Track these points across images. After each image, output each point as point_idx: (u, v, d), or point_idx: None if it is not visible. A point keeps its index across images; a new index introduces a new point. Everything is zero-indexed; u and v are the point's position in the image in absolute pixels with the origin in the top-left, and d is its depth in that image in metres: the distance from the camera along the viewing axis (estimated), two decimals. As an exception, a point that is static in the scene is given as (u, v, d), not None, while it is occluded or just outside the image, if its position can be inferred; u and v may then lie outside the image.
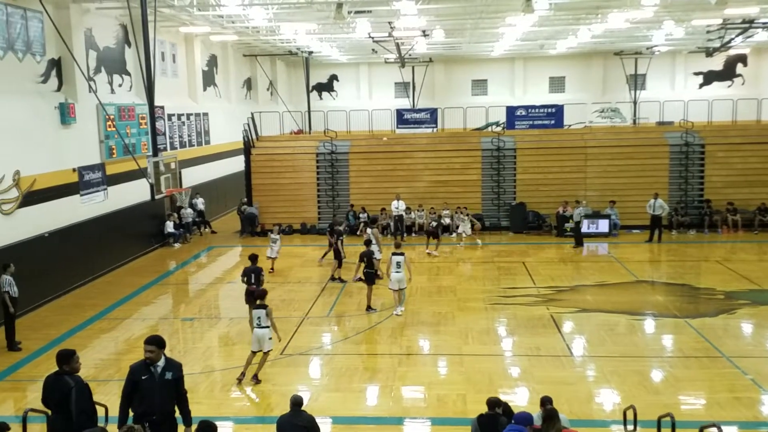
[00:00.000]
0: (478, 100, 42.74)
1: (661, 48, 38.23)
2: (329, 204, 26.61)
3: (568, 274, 19.36)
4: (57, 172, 18.26)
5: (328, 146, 26.84)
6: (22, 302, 14.81)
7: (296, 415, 8.08)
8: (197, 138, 29.32)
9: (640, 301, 16.72)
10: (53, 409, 7.85)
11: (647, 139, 26.63)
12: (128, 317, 16.22)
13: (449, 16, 26.57)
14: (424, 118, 30.08)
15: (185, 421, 7.75)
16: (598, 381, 11.81)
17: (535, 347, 13.43)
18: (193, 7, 22.19)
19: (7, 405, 11.46)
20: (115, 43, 22.23)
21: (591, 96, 42.88)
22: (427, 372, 12.41)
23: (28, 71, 17.52)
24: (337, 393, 11.55)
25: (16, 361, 13.35)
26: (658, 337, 14.36)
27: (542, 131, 27.71)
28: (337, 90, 47.44)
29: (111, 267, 20.65)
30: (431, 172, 26.45)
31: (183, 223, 25.41)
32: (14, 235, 16.20)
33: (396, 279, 15.60)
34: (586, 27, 29.90)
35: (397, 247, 16.23)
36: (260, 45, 34.93)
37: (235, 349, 13.89)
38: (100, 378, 12.19)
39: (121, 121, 21.52)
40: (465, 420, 10.13)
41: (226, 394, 11.57)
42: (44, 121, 17.85)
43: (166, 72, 26.43)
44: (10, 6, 16.63)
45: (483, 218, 25.46)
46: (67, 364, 7.81)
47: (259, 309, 11.98)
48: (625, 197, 25.08)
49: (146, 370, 7.51)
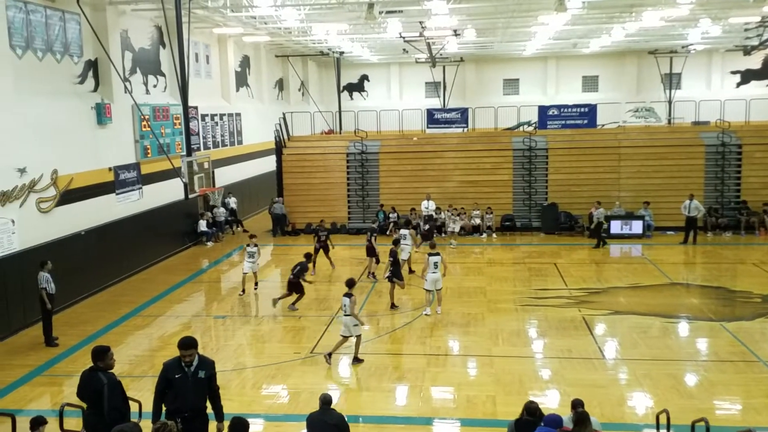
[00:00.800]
0: (509, 100, 42.48)
1: (697, 46, 37.57)
2: (359, 204, 26.69)
3: (600, 276, 19.14)
4: (93, 171, 18.62)
5: (358, 146, 26.92)
6: (59, 299, 15.12)
7: (326, 414, 8.12)
8: (230, 138, 29.64)
9: (674, 303, 16.46)
10: (88, 404, 8.03)
11: (682, 140, 26.20)
12: (162, 314, 16.47)
13: (481, 16, 26.45)
14: (455, 118, 29.96)
15: (217, 417, 7.87)
16: (630, 384, 11.66)
17: (566, 349, 13.31)
18: (227, 8, 22.43)
19: (44, 399, 11.72)
20: (150, 44, 22.58)
21: (625, 95, 42.34)
22: (456, 373, 12.38)
23: (66, 72, 17.89)
24: (366, 392, 11.59)
25: (54, 356, 13.65)
26: (693, 341, 14.12)
27: (575, 131, 27.43)
28: (368, 90, 47.55)
29: (145, 265, 20.98)
30: (461, 172, 26.37)
31: (216, 222, 25.72)
32: (52, 233, 16.56)
33: (432, 279, 15.58)
34: (620, 25, 29.51)
35: (433, 248, 16.23)
36: (292, 46, 35.17)
37: (265, 347, 14.03)
38: (134, 374, 12.40)
39: (156, 122, 21.85)
40: (495, 422, 10.12)
41: (257, 392, 11.68)
42: (81, 121, 18.21)
43: (199, 73, 26.76)
44: (49, 8, 17.01)
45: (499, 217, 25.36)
46: (102, 361, 7.97)
47: (345, 297, 12.83)
48: (660, 198, 24.71)
49: (179, 369, 7.63)
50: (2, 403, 11.38)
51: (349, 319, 12.69)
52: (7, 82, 15.20)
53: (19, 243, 15.37)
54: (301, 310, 16.27)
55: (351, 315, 12.69)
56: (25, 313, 15.14)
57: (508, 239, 24.65)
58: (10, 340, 14.68)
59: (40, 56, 16.72)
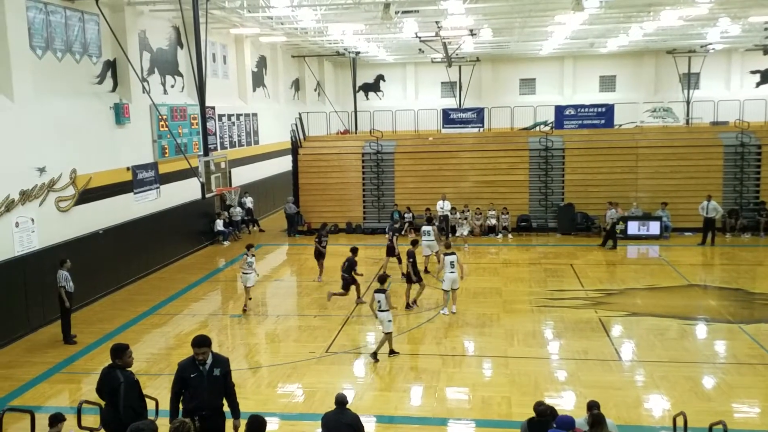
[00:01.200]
0: (526, 100, 42.33)
1: (716, 46, 37.21)
2: (374, 204, 26.71)
3: (617, 277, 19.02)
4: (112, 170, 18.79)
5: (374, 146, 26.95)
6: (78, 297, 15.28)
7: (341, 413, 8.15)
8: (246, 138, 29.78)
9: (692, 305, 16.32)
10: (105, 401, 8.11)
11: (701, 140, 25.97)
12: (179, 313, 16.59)
13: (497, 15, 26.37)
14: (471, 118, 29.91)
15: (234, 415, 7.92)
16: (647, 386, 11.58)
17: (582, 351, 13.24)
18: (244, 8, 22.54)
19: (63, 396, 11.85)
20: (167, 44, 22.75)
21: (642, 95, 42.05)
22: (471, 373, 12.36)
23: (85, 72, 18.07)
24: (381, 392, 11.60)
25: (72, 354, 13.80)
26: (711, 343, 13.98)
27: (592, 131, 27.28)
28: (384, 90, 47.56)
29: (163, 264, 21.14)
30: (477, 173, 26.31)
31: (232, 221, 25.86)
32: (70, 232, 16.75)
33: (449, 279, 15.59)
34: (637, 25, 29.31)
35: (448, 248, 16.22)
36: (308, 46, 35.27)
37: (281, 346, 14.09)
38: (151, 372, 12.50)
39: (174, 121, 22.00)
40: (510, 423, 10.09)
41: (273, 390, 11.73)
42: (100, 121, 18.38)
43: (216, 73, 26.91)
44: (69, 9, 17.19)
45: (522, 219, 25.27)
46: (120, 359, 8.05)
47: (379, 293, 13.01)
48: (677, 199, 24.50)
49: (194, 368, 7.68)
50: (22, 399, 11.53)
51: (383, 315, 12.85)
52: (28, 82, 15.39)
53: (38, 241, 15.56)
54: (316, 310, 16.33)
55: (387, 310, 12.89)
56: (44, 310, 15.31)
57: (524, 240, 24.57)
58: (30, 337, 14.86)
59: (59, 57, 16.90)
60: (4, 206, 14.55)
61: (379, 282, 13.56)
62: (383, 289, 13.20)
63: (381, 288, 13.22)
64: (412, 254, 16.47)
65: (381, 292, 13.04)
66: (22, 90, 15.15)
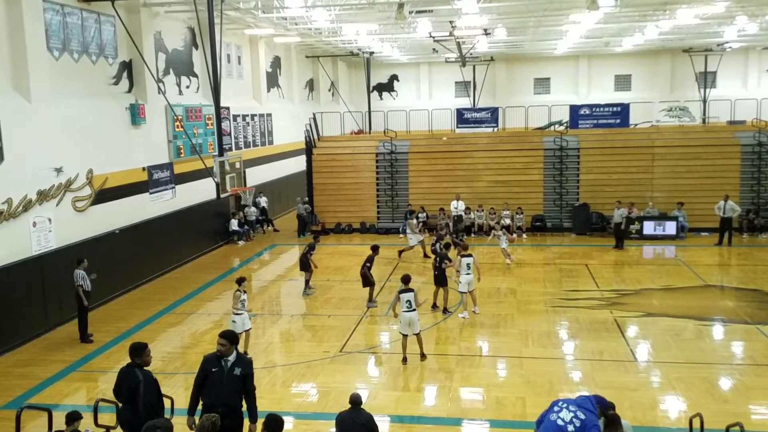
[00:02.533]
0: (540, 99, 42.12)
1: (733, 44, 36.86)
2: (388, 204, 26.72)
3: (633, 278, 18.89)
4: (127, 170, 18.93)
5: (387, 146, 26.95)
6: (94, 296, 15.41)
7: (355, 413, 8.16)
8: (261, 138, 29.89)
9: (709, 306, 16.19)
10: (123, 400, 8.16)
11: (717, 139, 25.74)
12: (194, 312, 16.69)
13: (511, 14, 26.28)
14: (485, 118, 29.81)
15: (251, 417, 7.92)
16: (663, 387, 11.50)
17: (597, 351, 13.17)
18: (258, 9, 22.63)
19: (79, 394, 11.96)
20: (183, 45, 22.89)
21: (658, 94, 41.69)
22: (486, 373, 12.33)
23: (101, 73, 18.22)
24: (395, 392, 11.60)
25: (89, 352, 13.92)
26: (727, 344, 13.86)
27: (607, 131, 27.12)
28: (398, 90, 47.55)
29: (178, 263, 21.27)
30: (491, 172, 26.24)
31: (247, 221, 25.97)
32: (87, 232, 16.90)
33: (466, 281, 15.51)
34: (653, 23, 29.10)
35: (465, 249, 16.15)
36: (322, 46, 35.34)
37: (295, 346, 14.13)
38: (167, 371, 12.57)
39: (189, 122, 22.14)
40: (524, 423, 10.07)
41: (287, 390, 11.77)
42: (116, 122, 18.53)
43: (231, 74, 27.03)
44: (85, 11, 17.34)
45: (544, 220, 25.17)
46: (139, 357, 8.10)
47: (407, 293, 12.75)
48: (694, 199, 24.30)
49: (217, 363, 7.76)
50: (39, 397, 11.65)
51: (412, 315, 12.61)
52: (45, 83, 15.54)
53: (55, 241, 15.71)
54: (330, 309, 16.36)
55: (416, 310, 12.68)
56: (61, 309, 15.47)
57: (539, 240, 24.48)
58: (48, 335, 15.01)
59: (76, 58, 17.05)
60: (22, 206, 14.71)
61: (404, 282, 13.27)
62: (410, 288, 12.97)
63: (407, 288, 12.98)
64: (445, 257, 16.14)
65: (408, 292, 12.82)
66: (40, 91, 15.30)
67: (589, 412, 6.73)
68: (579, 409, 6.73)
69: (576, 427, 6.63)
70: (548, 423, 6.72)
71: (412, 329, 12.68)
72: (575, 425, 6.63)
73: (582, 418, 6.66)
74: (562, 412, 6.72)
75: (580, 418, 6.65)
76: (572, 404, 6.80)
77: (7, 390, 12.05)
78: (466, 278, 15.51)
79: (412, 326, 12.66)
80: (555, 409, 6.78)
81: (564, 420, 6.65)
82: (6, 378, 12.65)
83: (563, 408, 6.74)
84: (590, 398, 6.98)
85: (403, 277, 13.52)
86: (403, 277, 13.50)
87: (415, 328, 12.69)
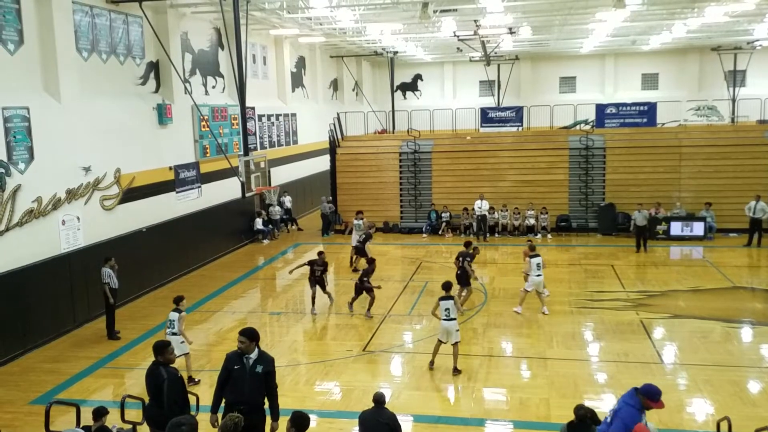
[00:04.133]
0: (566, 98, 41.72)
1: (763, 42, 36.22)
2: (411, 203, 26.70)
3: (659, 279, 18.66)
4: (154, 170, 19.15)
5: (411, 145, 26.94)
6: (121, 293, 15.62)
7: (378, 412, 8.17)
8: (285, 138, 30.05)
9: (737, 308, 15.94)
10: (150, 396, 8.28)
11: (747, 138, 25.33)
12: (219, 310, 16.84)
13: (537, 13, 26.11)
14: (509, 117, 29.66)
15: (273, 416, 7.97)
16: (690, 390, 11.36)
17: (623, 353, 13.04)
18: (283, 10, 22.75)
19: (106, 390, 12.12)
20: (209, 46, 23.09)
21: (686, 93, 41.11)
22: (509, 374, 12.28)
23: (129, 74, 18.45)
24: (418, 391, 11.60)
25: (116, 349, 14.11)
26: (756, 347, 13.64)
27: (634, 130, 26.82)
28: (421, 89, 47.47)
29: (203, 261, 21.47)
30: (516, 172, 26.10)
31: (271, 220, 26.13)
32: (114, 230, 17.12)
33: (537, 282, 15.37)
34: (681, 22, 28.71)
35: (533, 250, 15.99)
36: (346, 46, 35.43)
37: (319, 344, 14.20)
38: (192, 368, 12.67)
39: (215, 122, 22.33)
40: (548, 425, 10.01)
41: (311, 388, 11.83)
42: (143, 122, 18.75)
43: (257, 74, 27.21)
44: (113, 12, 17.58)
45: (569, 220, 24.97)
46: (162, 356, 8.22)
47: (446, 300, 12.27)
48: (722, 199, 23.94)
49: (239, 360, 7.82)
50: (67, 393, 11.85)
51: (450, 325, 12.09)
52: (74, 83, 15.77)
53: (84, 239, 15.95)
54: (354, 308, 16.37)
55: (455, 319, 12.13)
56: (89, 306, 15.70)
57: (564, 240, 24.29)
58: (76, 332, 15.25)
59: (104, 58, 17.29)
60: (51, 204, 14.95)
61: (444, 289, 12.50)
62: (450, 296, 12.31)
63: (447, 295, 12.31)
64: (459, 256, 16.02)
65: (447, 299, 12.23)
66: (69, 91, 15.53)
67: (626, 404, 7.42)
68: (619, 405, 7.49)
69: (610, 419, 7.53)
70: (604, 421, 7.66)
71: (449, 339, 12.19)
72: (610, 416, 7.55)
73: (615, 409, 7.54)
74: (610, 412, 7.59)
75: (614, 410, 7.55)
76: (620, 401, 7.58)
77: (36, 385, 12.26)
78: (536, 279, 15.34)
79: (450, 336, 12.14)
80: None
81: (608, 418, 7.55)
82: (35, 373, 12.88)
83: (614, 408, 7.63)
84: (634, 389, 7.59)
85: (444, 284, 12.71)
86: (444, 284, 12.68)
87: (453, 338, 12.12)
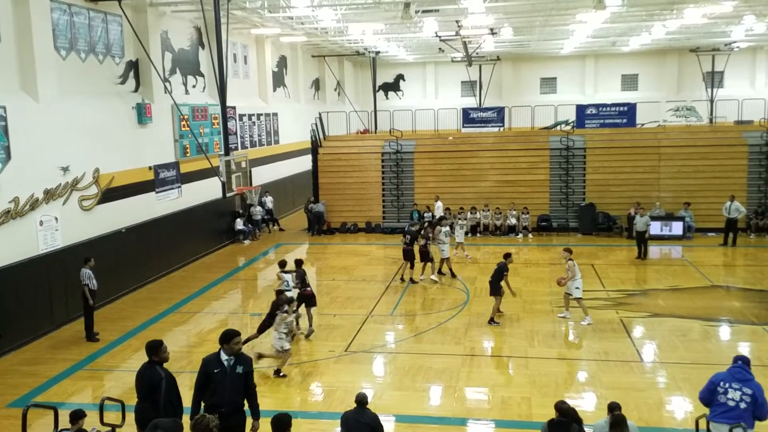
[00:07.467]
0: (546, 99, 42.04)
1: (740, 44, 36.73)
2: (394, 203, 26.72)
3: (639, 278, 18.84)
4: (134, 170, 18.98)
5: (393, 145, 26.96)
6: (100, 295, 15.43)
7: (360, 413, 8.15)
8: (267, 138, 29.93)
9: (715, 306, 16.12)
10: (142, 398, 8.10)
11: (725, 139, 25.66)
12: (200, 311, 16.72)
13: (518, 14, 26.25)
14: (491, 117, 29.78)
15: (254, 415, 7.93)
16: (669, 388, 11.47)
17: (603, 352, 13.14)
18: (264, 9, 22.66)
19: (85, 393, 11.98)
20: (189, 45, 22.93)
21: (665, 94, 41.61)
22: (491, 373, 12.32)
23: (108, 73, 18.26)
24: (400, 392, 11.59)
25: (94, 351, 13.95)
26: (734, 345, 13.78)
27: (613, 130, 27.06)
28: (404, 89, 47.53)
29: (184, 262, 21.31)
30: (497, 172, 26.22)
31: (252, 220, 26.02)
32: (93, 231, 16.93)
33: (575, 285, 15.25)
34: (660, 23, 29.02)
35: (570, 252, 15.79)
36: (328, 46, 35.36)
37: (301, 345, 14.13)
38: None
39: (195, 121, 22.17)
40: (529, 423, 10.05)
41: (292, 389, 11.78)
42: (122, 121, 18.57)
43: (237, 73, 27.07)
44: (92, 11, 17.39)
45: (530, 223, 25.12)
46: (156, 355, 8.10)
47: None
48: (701, 199, 24.23)
49: (218, 363, 7.74)
50: (45, 396, 11.69)
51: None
52: (52, 82, 15.58)
53: (62, 240, 15.76)
54: (336, 309, 16.36)
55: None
56: (67, 308, 15.51)
57: (545, 240, 24.43)
58: (54, 334, 15.06)
59: (83, 57, 17.10)
60: (29, 205, 14.76)
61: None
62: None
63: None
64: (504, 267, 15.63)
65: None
66: (47, 90, 15.35)
67: (749, 382, 7.48)
68: (743, 385, 7.46)
69: (747, 403, 7.42)
70: (722, 408, 7.51)
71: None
72: (746, 401, 7.44)
73: (749, 392, 7.46)
74: (729, 393, 7.51)
75: (747, 393, 7.46)
76: (734, 381, 7.53)
77: (13, 388, 12.09)
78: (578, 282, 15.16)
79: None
80: (719, 390, 7.59)
81: (735, 400, 7.45)
82: (12, 376, 12.70)
83: (728, 389, 7.53)
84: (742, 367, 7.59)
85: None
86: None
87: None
